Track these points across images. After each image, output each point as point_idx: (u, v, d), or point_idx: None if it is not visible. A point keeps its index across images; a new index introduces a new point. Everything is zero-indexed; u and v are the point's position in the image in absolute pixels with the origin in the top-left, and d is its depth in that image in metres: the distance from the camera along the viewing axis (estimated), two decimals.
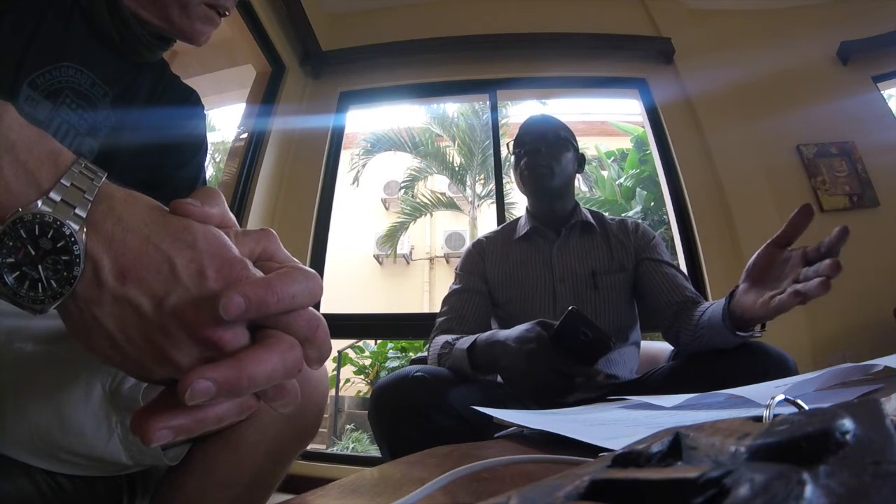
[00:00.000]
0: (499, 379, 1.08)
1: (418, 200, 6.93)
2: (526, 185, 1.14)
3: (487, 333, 0.88)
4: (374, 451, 4.22)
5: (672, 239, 2.44)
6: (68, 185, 0.25)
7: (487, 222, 6.47)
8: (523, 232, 1.14)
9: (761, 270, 0.74)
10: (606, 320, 1.03)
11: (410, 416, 0.77)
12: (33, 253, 0.25)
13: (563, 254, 1.10)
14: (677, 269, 1.07)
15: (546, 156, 1.09)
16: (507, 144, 1.21)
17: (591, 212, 1.18)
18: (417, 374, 0.80)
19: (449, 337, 0.97)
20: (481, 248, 1.17)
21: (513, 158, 1.18)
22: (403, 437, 0.77)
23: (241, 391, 0.25)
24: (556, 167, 1.09)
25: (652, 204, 5.14)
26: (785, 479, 0.10)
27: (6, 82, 0.50)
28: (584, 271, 1.07)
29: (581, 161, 1.17)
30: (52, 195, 0.25)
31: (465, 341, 0.89)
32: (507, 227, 1.21)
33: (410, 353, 5.03)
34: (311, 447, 0.94)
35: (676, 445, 0.15)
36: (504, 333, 0.83)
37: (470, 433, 0.69)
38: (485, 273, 1.12)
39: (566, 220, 1.13)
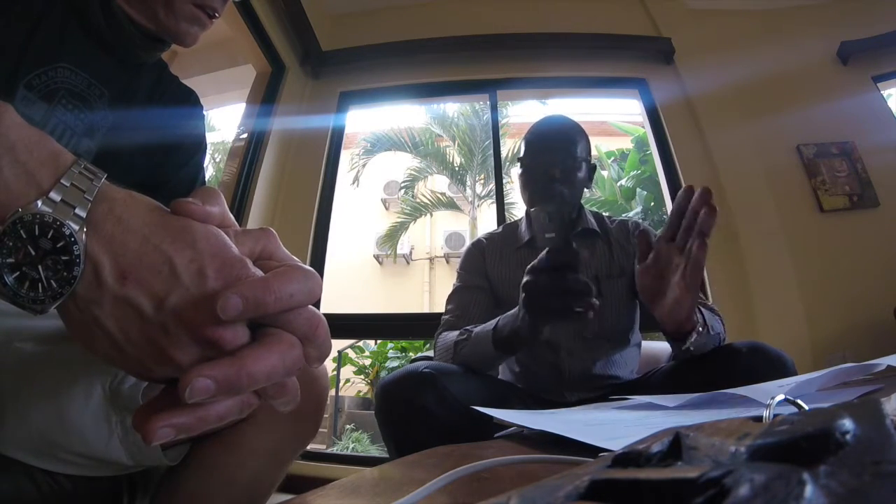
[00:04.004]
0: (500, 375, 1.08)
1: (418, 200, 6.93)
2: (533, 211, 1.10)
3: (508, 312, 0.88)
4: (375, 451, 4.22)
5: None
6: (68, 185, 0.25)
7: (487, 222, 6.47)
8: (525, 239, 1.11)
9: (653, 289, 0.77)
10: (608, 324, 1.02)
11: (417, 413, 0.77)
12: (33, 253, 0.25)
13: None
14: None
15: (561, 183, 1.03)
16: (519, 152, 1.12)
17: (593, 214, 1.16)
18: (425, 370, 0.80)
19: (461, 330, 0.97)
20: (482, 248, 1.16)
21: (519, 162, 1.11)
22: (410, 434, 0.77)
23: (240, 389, 0.26)
24: (569, 195, 1.05)
25: (652, 204, 5.14)
26: (785, 479, 0.10)
27: (3, 84, 0.50)
28: (586, 277, 1.05)
29: (592, 172, 1.11)
30: (52, 195, 0.25)
31: (487, 325, 0.89)
32: (506, 230, 1.19)
33: (410, 353, 5.03)
34: (311, 447, 0.94)
35: (676, 445, 0.15)
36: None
37: (477, 430, 0.69)
38: (486, 271, 1.12)
39: (571, 228, 1.08)
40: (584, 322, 0.76)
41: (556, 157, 1.05)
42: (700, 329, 0.79)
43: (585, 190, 1.13)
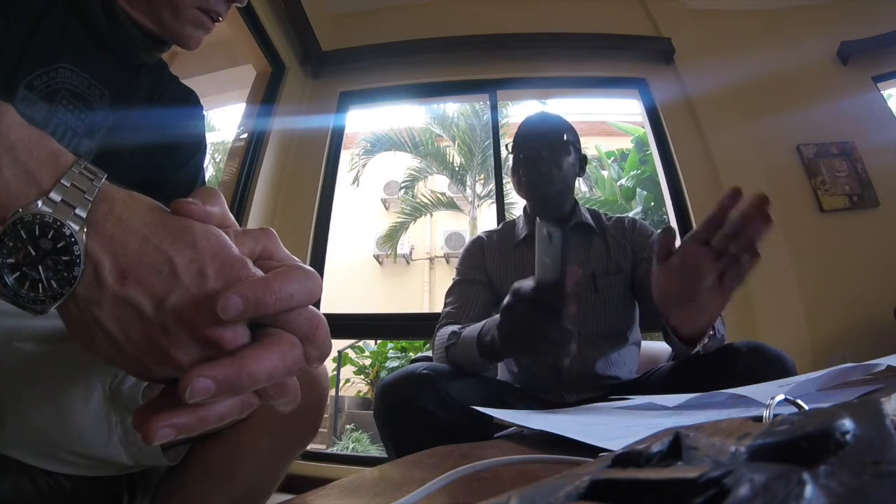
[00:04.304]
0: (499, 376, 1.08)
1: (418, 200, 6.93)
2: (524, 191, 1.11)
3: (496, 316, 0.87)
4: (375, 451, 4.22)
5: None
6: (68, 185, 0.25)
7: (487, 222, 6.47)
8: (522, 236, 1.13)
9: (676, 293, 0.69)
10: (606, 322, 1.02)
11: (416, 413, 0.77)
12: (33, 253, 0.25)
13: None
14: None
15: (546, 161, 1.06)
16: (507, 145, 1.18)
17: (590, 211, 1.17)
18: (424, 371, 0.80)
19: (455, 327, 0.96)
20: (481, 245, 1.16)
21: (511, 159, 1.14)
22: (408, 434, 0.77)
23: (240, 389, 0.26)
24: (556, 173, 1.06)
25: (652, 204, 5.14)
26: (785, 479, 0.10)
27: (3, 84, 0.50)
28: (583, 273, 1.06)
29: (583, 163, 1.13)
30: (53, 195, 0.25)
31: (474, 328, 0.88)
32: (505, 228, 1.20)
33: (410, 353, 5.03)
34: (311, 447, 0.94)
35: (676, 445, 0.15)
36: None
37: (475, 430, 0.69)
38: (486, 267, 1.12)
39: (566, 222, 1.11)
40: (558, 361, 0.69)
41: (543, 140, 1.08)
42: (711, 333, 0.76)
43: (584, 188, 1.13)
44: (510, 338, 0.72)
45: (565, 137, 1.09)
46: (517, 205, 5.21)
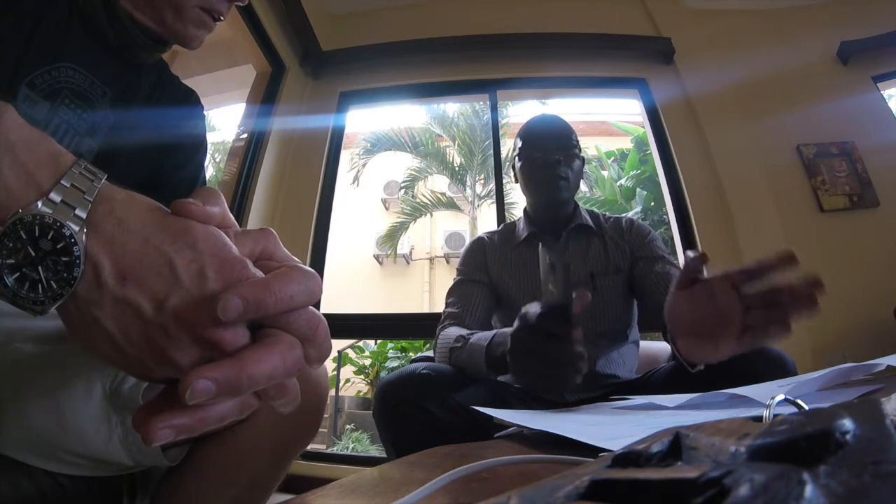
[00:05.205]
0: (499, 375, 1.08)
1: (418, 200, 6.94)
2: (533, 193, 1.12)
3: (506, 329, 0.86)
4: (374, 451, 4.22)
5: (672, 239, 2.44)
6: (68, 186, 0.25)
7: (487, 222, 6.47)
8: (523, 237, 1.13)
9: (689, 322, 0.67)
10: (605, 321, 1.02)
11: (416, 413, 0.77)
12: (33, 254, 0.25)
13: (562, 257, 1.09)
14: (671, 263, 1.05)
15: (564, 167, 1.07)
16: (514, 148, 1.16)
17: (589, 212, 1.17)
18: (424, 371, 0.80)
19: (463, 331, 0.95)
20: (483, 245, 1.16)
21: (517, 156, 1.14)
22: (408, 434, 0.77)
23: (241, 390, 0.26)
24: (572, 178, 1.09)
25: (652, 204, 5.14)
26: (785, 479, 0.10)
27: (4, 83, 0.50)
28: (583, 274, 1.06)
29: (583, 164, 1.15)
30: (52, 196, 0.25)
31: (483, 337, 0.86)
32: (505, 230, 1.20)
33: (410, 353, 5.03)
34: (311, 447, 0.94)
35: (676, 445, 0.15)
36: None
37: (475, 431, 0.69)
38: (487, 268, 1.12)
39: (566, 224, 1.12)
40: (570, 384, 0.68)
41: (555, 144, 1.09)
42: None
43: (584, 188, 1.14)
44: (521, 363, 0.70)
45: (574, 142, 1.11)
46: (517, 205, 5.21)
